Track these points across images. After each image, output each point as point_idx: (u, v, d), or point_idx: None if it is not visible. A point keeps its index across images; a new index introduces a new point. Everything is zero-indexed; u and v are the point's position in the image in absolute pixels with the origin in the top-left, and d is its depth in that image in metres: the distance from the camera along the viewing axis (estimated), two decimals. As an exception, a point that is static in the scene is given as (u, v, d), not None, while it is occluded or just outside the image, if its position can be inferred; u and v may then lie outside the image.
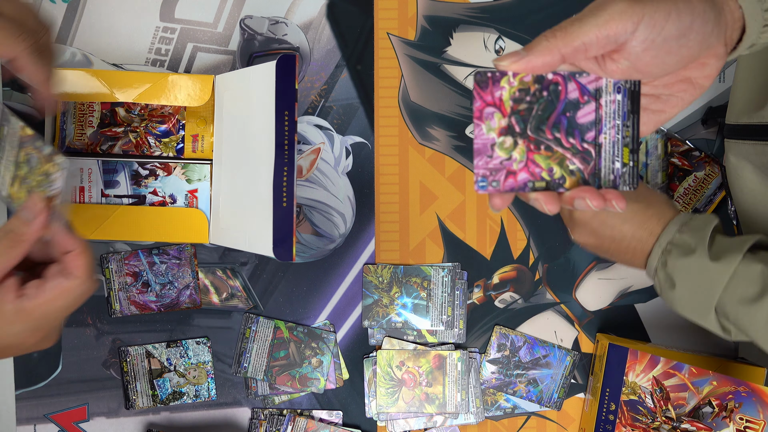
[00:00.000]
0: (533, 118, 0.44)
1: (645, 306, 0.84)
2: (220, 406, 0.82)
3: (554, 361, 0.83)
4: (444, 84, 0.82)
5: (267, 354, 0.81)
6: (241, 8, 0.81)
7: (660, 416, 0.73)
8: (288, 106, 0.67)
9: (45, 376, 0.81)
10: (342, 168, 0.82)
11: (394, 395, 0.81)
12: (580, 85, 0.44)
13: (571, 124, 0.45)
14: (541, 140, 0.45)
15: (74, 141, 0.76)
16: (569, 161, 0.45)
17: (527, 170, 0.45)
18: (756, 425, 0.70)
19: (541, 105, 0.44)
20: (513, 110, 0.44)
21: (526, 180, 0.45)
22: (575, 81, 0.44)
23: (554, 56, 0.40)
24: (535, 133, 0.45)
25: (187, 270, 0.81)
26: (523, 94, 0.44)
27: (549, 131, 0.45)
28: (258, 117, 0.69)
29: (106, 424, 0.82)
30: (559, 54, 0.40)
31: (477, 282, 0.83)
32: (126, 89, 0.74)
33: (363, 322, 0.82)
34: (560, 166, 0.45)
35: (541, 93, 0.44)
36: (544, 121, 0.45)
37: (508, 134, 0.44)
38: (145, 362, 0.81)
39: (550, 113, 0.44)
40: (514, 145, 0.45)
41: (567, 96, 0.44)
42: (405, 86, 0.82)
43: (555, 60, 0.40)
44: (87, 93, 0.75)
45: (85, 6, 0.81)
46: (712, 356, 0.80)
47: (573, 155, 0.45)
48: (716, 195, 0.83)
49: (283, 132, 0.66)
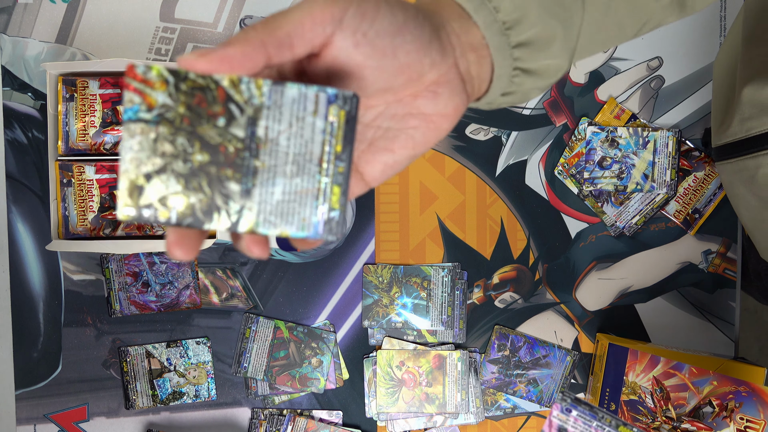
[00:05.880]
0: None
1: (645, 306, 0.84)
2: (220, 406, 0.82)
3: (554, 361, 0.83)
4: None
5: (267, 354, 0.81)
6: (241, 8, 0.81)
7: (660, 416, 0.73)
8: None
9: (45, 376, 0.81)
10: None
11: (394, 395, 0.81)
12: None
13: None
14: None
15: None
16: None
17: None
18: (756, 425, 0.70)
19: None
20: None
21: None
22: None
23: (256, 49, 0.33)
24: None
25: (187, 270, 0.81)
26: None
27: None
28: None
29: (106, 424, 0.81)
30: (262, 47, 0.33)
31: (477, 282, 0.83)
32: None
33: (363, 322, 0.82)
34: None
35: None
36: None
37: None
38: (145, 362, 0.81)
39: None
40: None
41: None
42: (405, 86, 0.82)
43: (258, 54, 0.33)
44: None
45: (85, 6, 0.81)
46: (712, 356, 0.80)
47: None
48: (716, 195, 0.83)
49: None
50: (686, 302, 0.84)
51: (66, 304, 0.81)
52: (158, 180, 0.32)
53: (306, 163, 0.33)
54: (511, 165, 0.83)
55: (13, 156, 0.81)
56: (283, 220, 0.33)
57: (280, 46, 0.33)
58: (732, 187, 0.70)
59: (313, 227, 0.34)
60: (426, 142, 0.38)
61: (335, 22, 0.34)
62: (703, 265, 0.83)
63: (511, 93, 0.41)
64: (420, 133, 0.38)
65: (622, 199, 0.83)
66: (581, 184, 0.82)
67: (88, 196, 0.77)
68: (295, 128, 0.33)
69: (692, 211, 0.83)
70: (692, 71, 0.83)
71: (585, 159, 0.82)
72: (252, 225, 0.33)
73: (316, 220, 0.34)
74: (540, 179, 0.83)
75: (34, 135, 0.81)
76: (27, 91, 0.81)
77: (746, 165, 0.66)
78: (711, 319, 0.84)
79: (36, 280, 0.81)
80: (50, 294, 0.81)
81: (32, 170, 0.81)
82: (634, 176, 0.82)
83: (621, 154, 0.82)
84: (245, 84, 0.32)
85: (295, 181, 0.33)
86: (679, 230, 0.83)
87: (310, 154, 0.33)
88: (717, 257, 0.83)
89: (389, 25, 0.35)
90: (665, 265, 0.83)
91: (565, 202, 0.83)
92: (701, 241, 0.83)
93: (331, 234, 0.34)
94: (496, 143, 0.83)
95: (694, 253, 0.83)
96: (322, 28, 0.34)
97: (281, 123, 0.33)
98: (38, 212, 0.81)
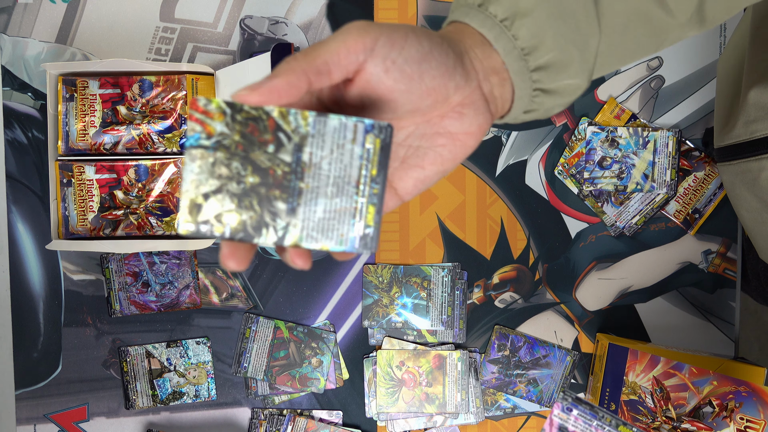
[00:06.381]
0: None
1: (645, 306, 0.84)
2: (220, 406, 0.82)
3: (554, 361, 0.83)
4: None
5: (267, 354, 0.81)
6: (241, 8, 0.81)
7: (660, 416, 0.73)
8: None
9: (45, 376, 0.81)
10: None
11: (394, 395, 0.81)
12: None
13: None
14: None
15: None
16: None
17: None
18: (756, 425, 0.70)
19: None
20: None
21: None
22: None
23: (298, 77, 0.37)
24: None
25: (187, 270, 0.81)
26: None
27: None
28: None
29: (106, 424, 0.81)
30: (304, 75, 0.37)
31: (477, 282, 0.83)
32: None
33: (363, 322, 0.82)
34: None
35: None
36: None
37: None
38: (145, 362, 0.81)
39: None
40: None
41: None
42: (405, 86, 0.82)
43: (300, 82, 0.37)
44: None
45: (85, 6, 0.81)
46: (712, 356, 0.80)
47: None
48: (716, 195, 0.83)
49: None
50: (686, 302, 0.84)
51: (66, 304, 0.81)
52: (215, 199, 0.36)
53: (345, 185, 0.37)
54: (511, 165, 0.83)
55: (13, 156, 0.81)
56: (323, 235, 0.37)
57: (319, 73, 0.37)
58: (733, 188, 0.70)
59: (350, 242, 0.38)
60: (454, 158, 0.42)
61: (367, 50, 0.38)
62: (703, 265, 0.83)
63: (533, 110, 0.44)
64: (447, 151, 0.42)
65: (622, 199, 0.83)
66: (581, 184, 0.82)
67: (88, 196, 0.77)
68: (336, 154, 0.37)
69: (692, 211, 0.83)
70: (692, 71, 0.83)
71: (585, 159, 0.82)
72: (296, 240, 0.37)
73: (353, 235, 0.38)
74: (540, 179, 0.83)
75: (34, 135, 0.81)
76: (27, 91, 0.81)
77: (749, 167, 0.66)
78: (711, 319, 0.84)
79: (36, 280, 0.81)
80: (50, 294, 0.81)
81: (32, 170, 0.81)
82: (634, 176, 0.82)
83: (621, 154, 0.82)
84: (293, 115, 0.36)
85: (335, 201, 0.37)
86: (679, 230, 0.83)
87: (349, 177, 0.37)
88: (717, 257, 0.83)
89: (416, 52, 0.38)
90: (665, 265, 0.84)
91: (565, 202, 0.83)
92: (701, 241, 0.83)
93: (366, 248, 0.38)
94: (496, 143, 0.83)
95: (694, 253, 0.83)
96: (356, 56, 0.38)
97: (324, 149, 0.37)
98: (38, 212, 0.81)
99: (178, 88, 0.77)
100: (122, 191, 0.77)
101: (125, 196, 0.77)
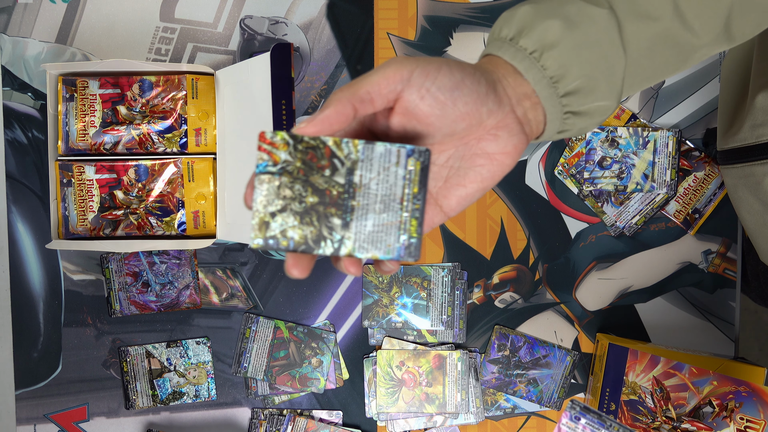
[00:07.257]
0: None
1: (645, 306, 0.84)
2: (220, 406, 0.82)
3: (554, 361, 0.83)
4: (444, 84, 0.82)
5: (267, 354, 0.81)
6: (241, 8, 0.81)
7: (660, 416, 0.73)
8: (285, 94, 0.67)
9: (45, 376, 0.81)
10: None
11: (394, 395, 0.81)
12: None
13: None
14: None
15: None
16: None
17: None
18: (756, 425, 0.70)
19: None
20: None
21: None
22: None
23: (345, 106, 0.42)
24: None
25: (187, 270, 0.81)
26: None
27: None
28: (257, 107, 0.69)
29: (106, 424, 0.81)
30: (349, 104, 0.42)
31: (477, 282, 0.83)
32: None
33: (363, 322, 0.82)
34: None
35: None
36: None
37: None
38: (145, 362, 0.81)
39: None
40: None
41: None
42: (405, 86, 0.82)
43: (347, 110, 0.43)
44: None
45: (85, 6, 0.81)
46: (712, 356, 0.80)
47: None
48: (716, 195, 0.83)
49: (281, 121, 0.66)
50: (686, 302, 0.84)
51: (66, 304, 0.81)
52: (280, 217, 0.42)
53: (391, 202, 0.43)
54: (511, 165, 0.83)
55: (13, 156, 0.81)
56: (373, 246, 0.43)
57: (362, 101, 0.43)
58: (736, 191, 0.70)
59: (396, 251, 0.43)
60: (493, 176, 0.46)
61: (404, 80, 0.43)
62: (703, 265, 0.83)
63: (565, 131, 0.49)
64: (486, 170, 0.46)
65: (622, 199, 0.83)
66: (581, 184, 0.82)
67: (88, 196, 0.77)
68: (382, 176, 0.43)
69: (692, 211, 0.83)
70: (692, 71, 0.83)
71: (585, 159, 0.82)
72: (350, 250, 0.42)
73: (398, 245, 0.43)
74: (540, 179, 0.83)
75: (34, 135, 0.81)
76: (27, 91, 0.81)
77: (753, 171, 0.66)
78: (711, 319, 0.84)
79: (36, 280, 0.81)
80: (50, 294, 0.81)
81: (32, 170, 0.81)
82: (634, 176, 0.82)
83: (621, 154, 0.82)
84: (345, 143, 0.42)
85: (382, 216, 0.43)
86: (679, 230, 0.83)
87: (394, 195, 0.43)
88: (717, 257, 0.83)
89: (448, 81, 0.43)
90: (665, 265, 0.84)
91: (565, 202, 0.83)
92: (701, 241, 0.83)
93: (410, 256, 0.43)
94: (496, 143, 0.83)
95: (694, 253, 0.83)
96: (394, 85, 0.43)
97: (372, 172, 0.43)
98: (38, 212, 0.81)
99: (178, 88, 0.77)
100: (122, 191, 0.77)
101: (125, 196, 0.77)
